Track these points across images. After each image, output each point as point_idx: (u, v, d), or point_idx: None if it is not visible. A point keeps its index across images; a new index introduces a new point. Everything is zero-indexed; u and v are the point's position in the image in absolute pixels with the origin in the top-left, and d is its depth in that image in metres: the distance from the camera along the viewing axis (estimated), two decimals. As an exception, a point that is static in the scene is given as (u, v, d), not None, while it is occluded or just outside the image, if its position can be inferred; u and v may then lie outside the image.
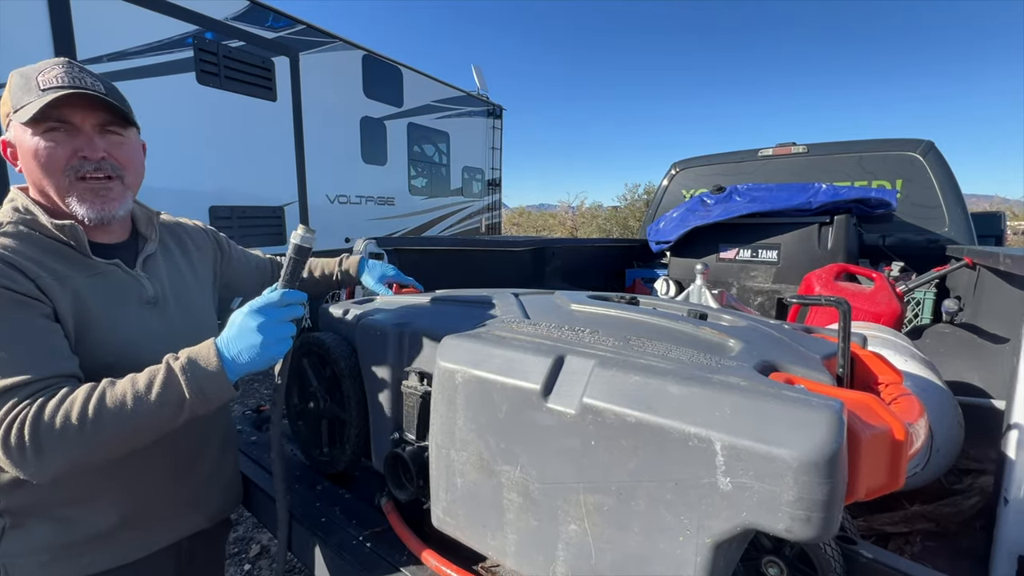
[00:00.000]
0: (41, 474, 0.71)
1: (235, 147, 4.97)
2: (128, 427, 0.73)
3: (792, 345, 0.77)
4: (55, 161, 0.80)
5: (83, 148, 0.82)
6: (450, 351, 0.80)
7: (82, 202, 0.84)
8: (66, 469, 0.72)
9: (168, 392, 0.74)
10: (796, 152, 3.38)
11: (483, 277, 2.60)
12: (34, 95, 0.78)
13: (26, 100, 0.79)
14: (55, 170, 0.81)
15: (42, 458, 0.69)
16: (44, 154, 0.80)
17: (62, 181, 0.82)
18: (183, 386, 0.75)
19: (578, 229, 21.73)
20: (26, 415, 0.69)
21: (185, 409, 0.76)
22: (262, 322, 0.79)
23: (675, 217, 3.18)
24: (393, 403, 0.99)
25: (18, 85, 0.80)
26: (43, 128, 0.80)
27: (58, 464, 0.71)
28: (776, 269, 2.77)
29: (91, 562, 0.87)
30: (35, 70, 0.81)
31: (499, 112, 9.46)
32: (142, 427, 0.74)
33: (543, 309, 0.96)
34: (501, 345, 0.76)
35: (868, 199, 2.57)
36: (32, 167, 0.81)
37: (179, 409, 0.75)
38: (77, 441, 0.70)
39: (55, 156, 0.80)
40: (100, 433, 0.71)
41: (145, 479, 0.92)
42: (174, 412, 0.75)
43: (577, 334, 0.77)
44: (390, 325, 0.99)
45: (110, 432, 0.72)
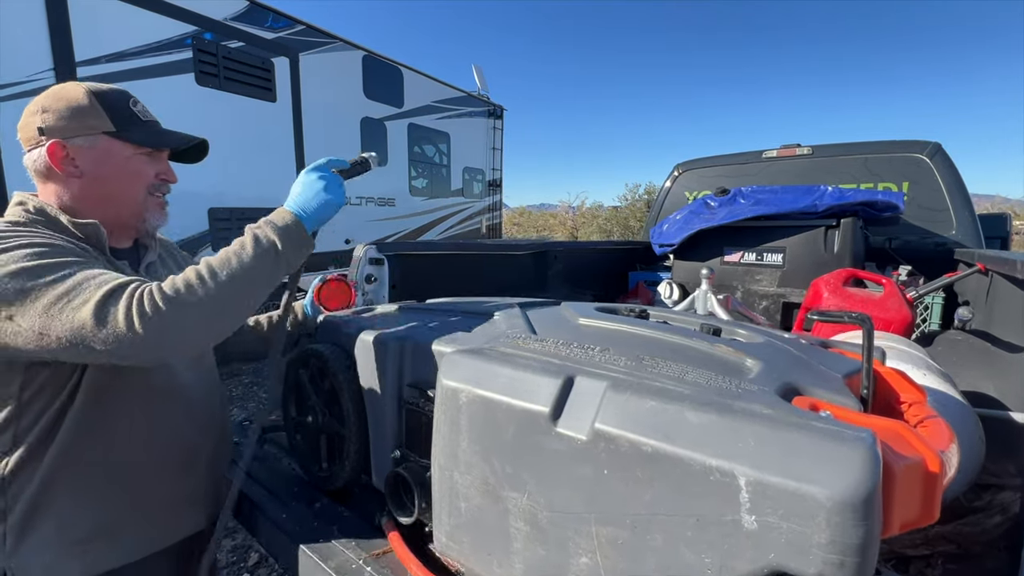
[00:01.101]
0: (186, 335, 0.73)
1: (234, 148, 4.93)
2: (241, 279, 0.78)
3: (812, 363, 0.74)
4: (144, 179, 0.95)
5: (165, 173, 0.99)
6: (453, 368, 0.77)
7: (153, 214, 0.99)
8: (204, 330, 0.76)
9: (260, 247, 0.82)
10: (801, 154, 3.34)
11: (485, 282, 2.57)
12: (139, 122, 0.94)
13: (133, 125, 0.93)
14: (141, 186, 0.95)
15: (184, 315, 0.72)
16: (139, 171, 0.95)
17: (141, 195, 0.96)
18: (273, 237, 0.83)
19: (579, 229, 21.71)
20: (150, 288, 0.72)
21: (281, 259, 0.84)
22: (320, 175, 0.92)
23: (678, 220, 3.15)
24: (394, 419, 0.96)
25: (111, 106, 0.91)
26: (143, 150, 0.94)
27: (197, 323, 0.74)
28: (781, 273, 2.74)
29: (95, 561, 0.88)
30: (120, 96, 0.94)
31: (500, 112, 9.43)
32: (253, 279, 0.80)
33: (550, 323, 0.93)
34: (507, 363, 0.73)
35: (875, 202, 2.54)
36: (115, 177, 0.92)
37: (276, 260, 0.83)
38: (206, 296, 0.74)
39: (147, 174, 0.96)
40: (221, 287, 0.76)
41: (148, 474, 0.94)
42: (273, 264, 0.83)
43: (587, 352, 0.74)
44: (390, 338, 0.96)
45: (228, 285, 0.77)
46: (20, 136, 0.90)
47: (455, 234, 8.58)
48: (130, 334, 0.68)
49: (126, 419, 0.90)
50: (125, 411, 0.90)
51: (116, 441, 0.89)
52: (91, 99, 0.89)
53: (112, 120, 0.90)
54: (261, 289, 0.82)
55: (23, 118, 0.89)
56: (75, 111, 0.88)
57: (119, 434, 0.89)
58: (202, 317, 0.74)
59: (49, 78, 3.74)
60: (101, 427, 0.87)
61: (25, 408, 0.83)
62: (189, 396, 1.01)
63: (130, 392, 0.90)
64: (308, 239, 0.89)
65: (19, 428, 0.83)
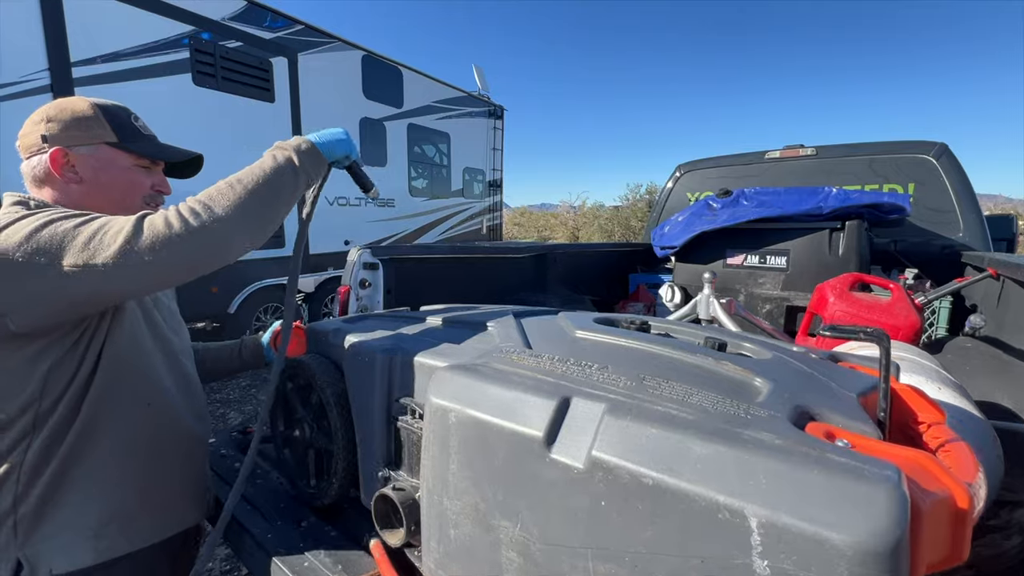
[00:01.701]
0: (222, 237, 0.78)
1: (232, 149, 4.89)
2: (265, 187, 0.85)
3: (824, 382, 0.69)
4: (141, 188, 0.99)
5: (160, 184, 1.02)
6: (443, 385, 0.73)
7: None
8: (239, 232, 0.80)
9: (277, 161, 0.89)
10: (804, 155, 3.30)
11: (484, 285, 2.53)
12: (140, 136, 0.98)
13: (135, 138, 0.97)
14: (138, 194, 0.98)
15: (217, 218, 0.77)
16: (137, 181, 0.98)
17: (137, 204, 0.98)
18: (289, 154, 0.91)
19: (580, 229, 21.66)
20: (180, 203, 0.79)
21: (300, 174, 0.91)
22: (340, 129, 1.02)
23: (680, 222, 3.10)
24: (383, 436, 0.91)
25: (115, 118, 0.95)
26: (141, 162, 0.98)
27: (230, 226, 0.79)
28: (785, 276, 2.69)
29: (108, 547, 0.88)
30: (122, 110, 0.98)
31: (500, 112, 9.38)
32: (277, 189, 0.86)
33: (546, 335, 0.88)
34: (499, 381, 0.68)
35: (881, 204, 2.49)
36: (114, 185, 0.95)
37: (295, 174, 0.90)
38: (236, 201, 0.80)
39: (144, 184, 0.99)
40: (249, 193, 0.82)
41: (159, 460, 0.95)
42: (292, 177, 0.89)
43: (584, 370, 0.69)
44: (379, 350, 0.92)
45: (254, 193, 0.83)
46: (20, 144, 0.92)
47: (455, 235, 8.54)
48: (174, 236, 0.73)
49: (142, 401, 0.92)
50: (142, 391, 0.92)
51: (133, 423, 0.91)
52: (96, 111, 0.93)
53: (115, 131, 0.94)
54: (284, 197, 0.88)
55: (25, 127, 0.92)
56: (80, 121, 0.92)
57: (135, 416, 0.91)
58: (235, 220, 0.80)
59: (44, 78, 3.70)
60: (120, 407, 0.89)
61: (49, 385, 0.82)
62: (189, 382, 1.05)
63: (145, 372, 0.93)
64: (323, 158, 0.96)
65: (41, 408, 0.82)
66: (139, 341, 0.93)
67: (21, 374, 0.80)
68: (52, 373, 0.82)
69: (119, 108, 0.98)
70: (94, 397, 0.85)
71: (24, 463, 0.82)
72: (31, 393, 0.81)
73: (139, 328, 0.94)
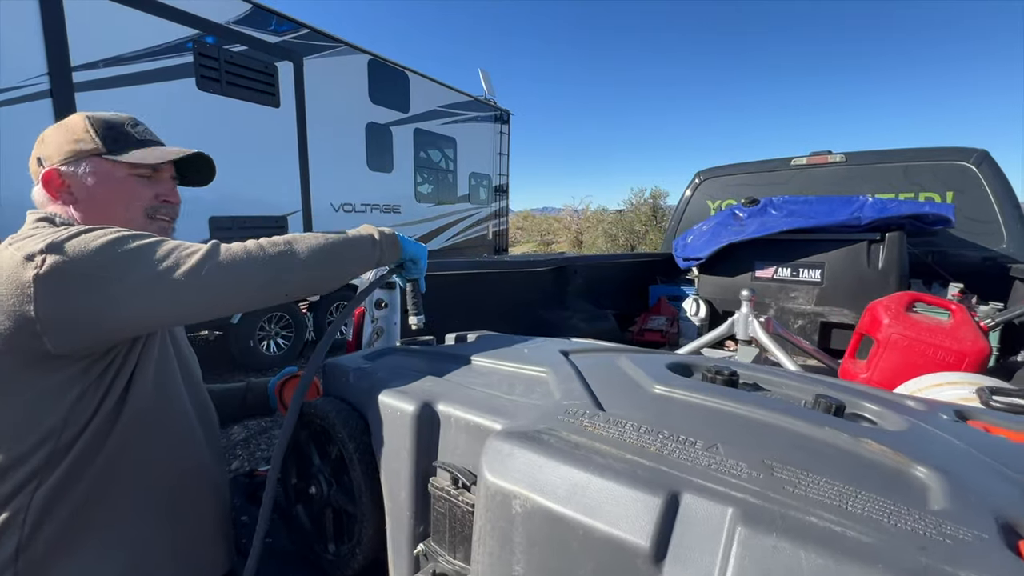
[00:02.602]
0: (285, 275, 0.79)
1: (236, 155, 4.78)
2: (342, 245, 0.87)
3: (987, 462, 0.55)
4: (142, 199, 0.90)
5: (166, 194, 0.93)
6: (502, 460, 0.59)
7: None
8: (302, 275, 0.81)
9: (361, 232, 0.93)
10: (833, 161, 3.15)
11: (502, 300, 2.39)
12: (131, 142, 0.89)
13: (127, 146, 0.88)
14: (139, 207, 0.90)
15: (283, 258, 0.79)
16: (135, 192, 0.89)
17: (139, 218, 0.90)
18: (373, 230, 0.95)
19: (584, 234, 21.52)
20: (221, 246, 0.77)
21: (376, 248, 0.93)
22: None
23: (705, 231, 2.96)
24: (419, 504, 0.77)
25: (104, 128, 0.88)
26: (138, 171, 0.89)
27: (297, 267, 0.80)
28: (820, 290, 2.54)
29: None
30: (117, 119, 0.90)
31: (506, 117, 9.27)
32: (352, 247, 0.89)
33: (616, 388, 0.74)
34: (578, 461, 0.54)
35: (924, 215, 2.35)
36: (110, 199, 0.87)
37: (372, 246, 0.93)
38: (313, 243, 0.83)
39: (143, 195, 0.90)
40: (326, 242, 0.85)
41: (185, 498, 0.89)
42: (369, 247, 0.92)
43: (685, 448, 0.55)
44: (412, 402, 0.77)
45: (331, 242, 0.85)
46: (30, 171, 0.89)
47: (461, 241, 8.41)
48: (251, 259, 0.75)
49: (170, 433, 0.87)
50: (169, 423, 0.87)
51: (159, 458, 0.84)
52: (85, 123, 0.87)
53: (102, 140, 0.87)
54: (355, 259, 0.90)
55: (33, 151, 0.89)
56: (67, 136, 0.86)
57: (162, 450, 0.85)
58: (307, 259, 0.81)
59: (43, 83, 3.59)
60: (147, 441, 0.82)
61: (72, 417, 0.75)
62: (207, 413, 0.99)
63: (173, 401, 0.88)
64: (399, 248, 0.99)
65: (59, 443, 0.74)
66: (169, 368, 0.88)
67: (42, 405, 0.73)
68: (77, 404, 0.75)
69: (115, 117, 0.91)
70: (121, 429, 0.79)
71: (31, 505, 0.72)
72: (51, 426, 0.73)
73: (167, 353, 0.89)
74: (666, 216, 17.19)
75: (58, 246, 0.70)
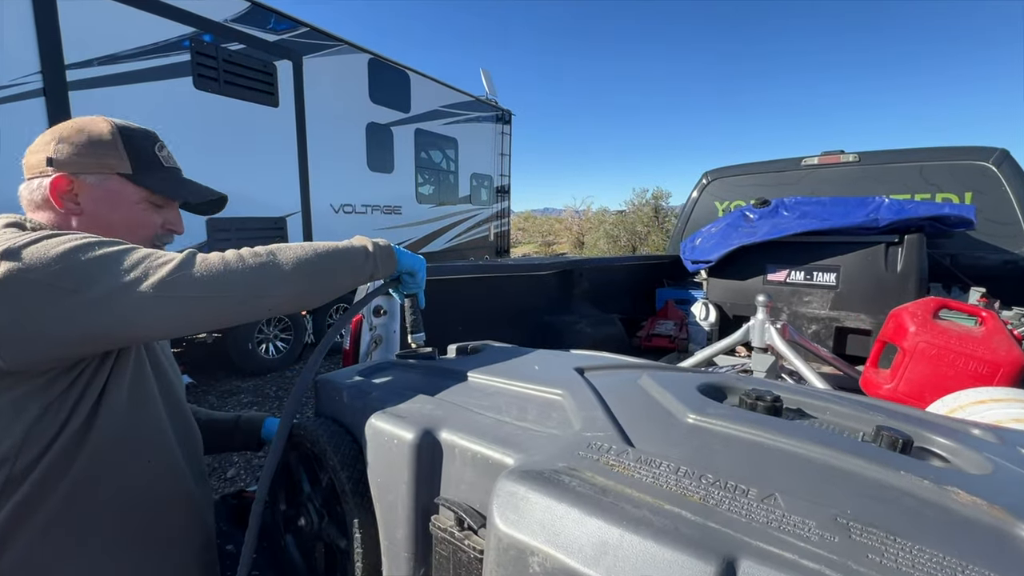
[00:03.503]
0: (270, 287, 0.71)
1: (234, 155, 4.70)
2: (330, 257, 0.79)
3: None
4: (150, 227, 0.86)
5: (173, 223, 0.90)
6: (515, 506, 0.50)
7: None
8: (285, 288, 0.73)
9: (354, 243, 0.86)
10: (846, 161, 3.06)
11: (506, 304, 2.31)
12: (159, 169, 0.86)
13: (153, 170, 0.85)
14: (146, 235, 0.85)
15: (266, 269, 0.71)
16: (145, 219, 0.85)
17: (143, 244, 0.80)
18: (367, 241, 0.88)
19: (585, 235, 21.42)
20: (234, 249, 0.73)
21: (369, 260, 0.86)
22: None
23: (715, 233, 2.87)
24: (417, 543, 0.69)
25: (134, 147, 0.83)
26: (155, 199, 0.85)
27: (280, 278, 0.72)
28: (835, 294, 2.46)
29: None
30: (146, 138, 0.86)
31: (508, 117, 9.19)
32: (343, 259, 0.81)
33: (643, 416, 0.65)
34: (605, 512, 0.45)
35: (945, 216, 2.26)
36: (119, 221, 0.82)
37: (366, 257, 0.86)
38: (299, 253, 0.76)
39: (152, 223, 0.86)
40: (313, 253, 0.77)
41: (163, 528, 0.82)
42: (362, 259, 0.85)
43: (735, 497, 0.46)
44: (411, 429, 0.69)
45: (320, 253, 0.78)
46: (25, 162, 0.82)
47: (463, 243, 8.33)
48: (228, 272, 0.68)
49: (143, 458, 0.78)
50: (144, 447, 0.79)
51: (131, 485, 0.77)
52: (115, 136, 0.82)
53: (131, 162, 0.83)
54: (348, 270, 0.83)
55: (35, 144, 0.82)
56: (94, 146, 0.80)
57: (135, 476, 0.77)
58: (292, 272, 0.74)
59: (36, 82, 3.51)
60: (117, 466, 0.75)
61: (30, 439, 0.67)
62: (190, 434, 0.91)
63: (149, 423, 0.81)
64: (395, 260, 0.92)
65: (15, 469, 0.66)
66: (144, 385, 0.81)
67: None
68: (36, 425, 0.68)
69: (144, 135, 0.87)
70: (89, 452, 0.71)
71: None
72: (5, 449, 0.66)
73: (143, 368, 0.81)
74: (668, 217, 17.09)
75: (14, 252, 0.63)
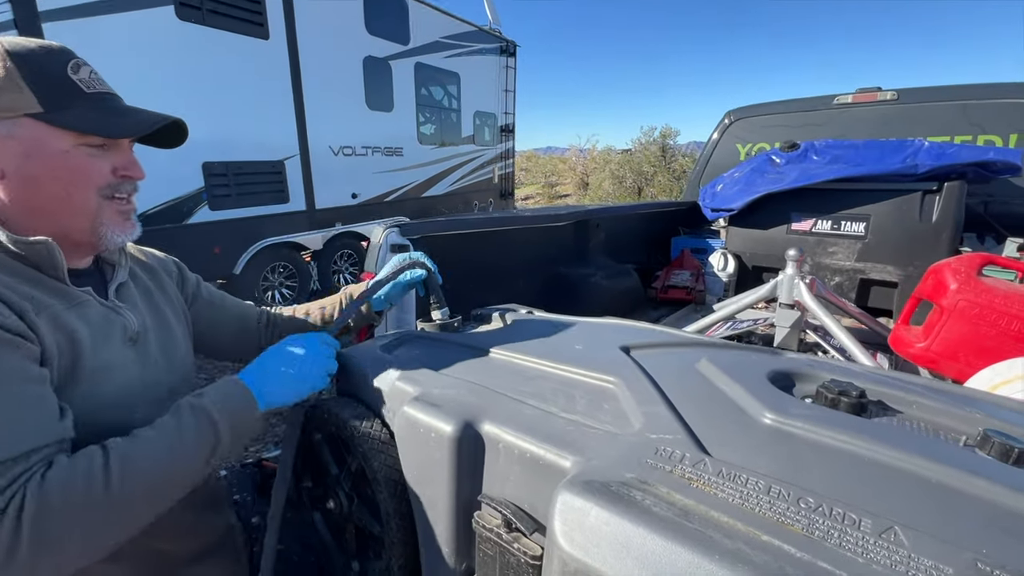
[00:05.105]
0: (45, 559, 0.53)
1: (225, 93, 4.43)
2: (160, 480, 0.61)
3: None
4: (95, 177, 0.68)
5: (127, 167, 0.71)
6: (580, 525, 0.44)
7: (112, 227, 0.71)
8: (83, 547, 0.56)
9: (202, 433, 0.65)
10: (883, 99, 2.85)
11: (521, 257, 2.22)
12: (80, 97, 0.65)
13: (70, 100, 0.65)
14: (91, 188, 0.68)
15: (48, 539, 0.52)
16: (84, 169, 0.67)
17: (92, 201, 0.68)
18: (216, 424, 0.66)
19: (590, 175, 20.85)
20: (25, 489, 0.53)
21: (217, 452, 0.66)
22: (301, 354, 0.75)
23: (738, 179, 2.73)
24: (460, 539, 0.65)
25: (36, 74, 0.63)
26: (90, 140, 0.66)
27: (75, 540, 0.54)
28: (863, 245, 2.35)
29: None
30: (51, 57, 0.65)
31: (512, 49, 8.64)
32: (175, 476, 0.63)
33: (711, 413, 0.58)
34: (692, 542, 0.40)
35: (991, 162, 2.11)
36: (50, 178, 0.65)
37: (212, 453, 0.66)
38: (105, 504, 0.56)
39: (97, 171, 0.68)
40: (128, 494, 0.58)
41: None
42: (207, 457, 0.65)
43: (844, 528, 0.40)
44: (451, 421, 0.63)
45: (140, 491, 0.59)
46: None
47: (466, 185, 8.09)
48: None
49: None
50: None
51: None
52: (6, 63, 0.61)
53: (38, 96, 0.63)
54: (176, 491, 0.64)
55: None
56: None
57: None
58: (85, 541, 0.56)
59: (6, 12, 3.23)
60: None
61: None
62: None
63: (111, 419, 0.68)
64: (255, 422, 0.71)
65: None
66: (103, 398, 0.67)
67: None
68: None
69: (46, 52, 0.65)
70: None
71: None
72: None
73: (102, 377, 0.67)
74: (676, 157, 16.54)
75: None
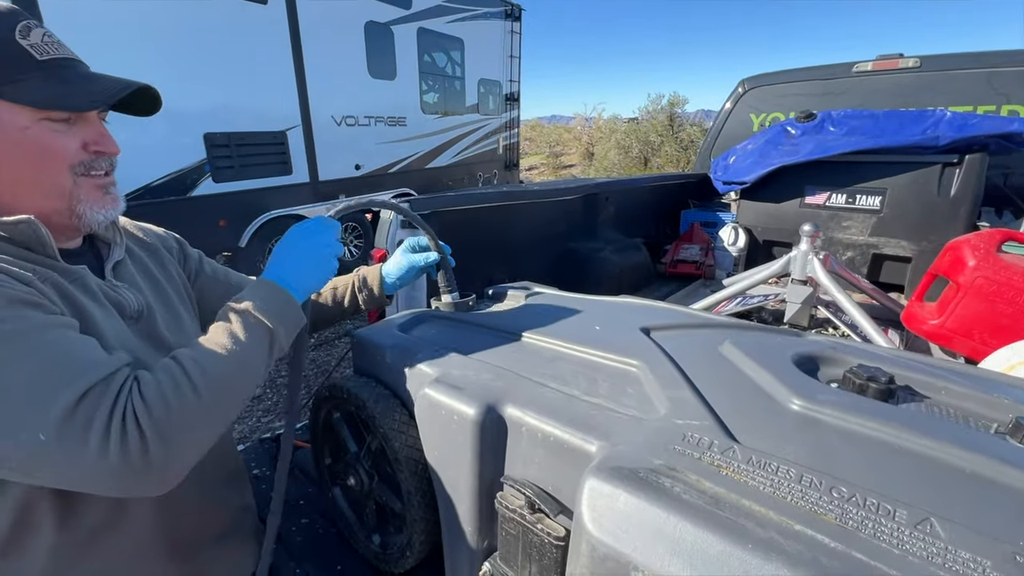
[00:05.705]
0: (174, 462, 0.55)
1: (224, 60, 4.31)
2: (235, 374, 0.61)
3: None
4: (64, 156, 0.63)
5: (99, 142, 0.66)
6: (609, 510, 0.45)
7: (93, 205, 0.67)
8: (195, 448, 0.57)
9: (256, 329, 0.64)
10: (904, 67, 2.75)
11: (530, 231, 2.20)
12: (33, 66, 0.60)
13: (22, 71, 0.59)
14: (61, 167, 0.63)
15: (172, 441, 0.53)
16: (50, 146, 0.61)
17: (64, 180, 0.64)
18: (263, 319, 0.65)
19: (595, 145, 20.47)
20: (130, 401, 0.53)
21: (275, 343, 0.66)
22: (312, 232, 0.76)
23: (752, 151, 2.67)
24: (482, 518, 0.66)
25: None
26: (52, 115, 0.61)
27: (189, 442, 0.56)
28: (877, 219, 2.31)
29: None
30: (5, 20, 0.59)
31: (518, 13, 8.34)
32: (247, 369, 0.63)
33: (738, 399, 0.58)
34: (722, 529, 0.40)
35: (1015, 133, 2.04)
36: (13, 160, 0.60)
37: (271, 345, 0.66)
38: (199, 406, 0.56)
39: (65, 149, 0.62)
40: (215, 389, 0.58)
41: None
42: (268, 350, 0.66)
43: (879, 519, 0.40)
44: (473, 404, 0.63)
45: (222, 383, 0.60)
46: None
47: (470, 156, 7.96)
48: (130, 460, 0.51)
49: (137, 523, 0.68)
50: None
51: None
52: None
53: None
54: (252, 380, 0.64)
55: None
56: None
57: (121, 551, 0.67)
58: (195, 432, 0.57)
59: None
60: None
61: None
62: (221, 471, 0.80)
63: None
64: (299, 314, 0.71)
65: None
66: None
67: None
68: None
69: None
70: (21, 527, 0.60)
71: None
72: None
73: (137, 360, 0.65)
74: (684, 126, 16.17)
75: None
